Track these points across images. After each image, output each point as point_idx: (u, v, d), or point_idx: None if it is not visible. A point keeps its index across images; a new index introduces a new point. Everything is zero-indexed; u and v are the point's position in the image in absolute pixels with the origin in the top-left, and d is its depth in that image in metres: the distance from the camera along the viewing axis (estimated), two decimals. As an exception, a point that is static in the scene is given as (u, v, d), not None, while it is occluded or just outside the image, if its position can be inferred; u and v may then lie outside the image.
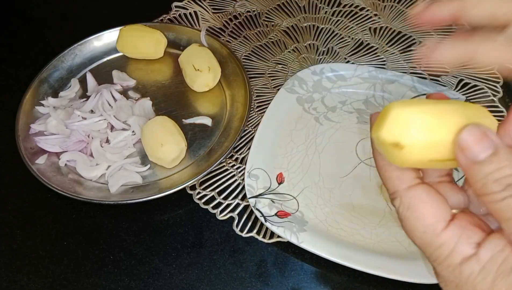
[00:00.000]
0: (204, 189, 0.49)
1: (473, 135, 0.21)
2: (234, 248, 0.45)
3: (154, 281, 0.43)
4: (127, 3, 0.72)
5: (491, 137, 0.21)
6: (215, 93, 0.57)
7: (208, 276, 0.43)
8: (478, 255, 0.21)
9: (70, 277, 0.44)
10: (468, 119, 0.22)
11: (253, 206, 0.45)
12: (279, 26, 0.66)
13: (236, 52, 0.62)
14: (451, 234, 0.22)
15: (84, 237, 0.46)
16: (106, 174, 0.49)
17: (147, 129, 0.49)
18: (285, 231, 0.43)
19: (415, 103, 0.23)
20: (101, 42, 0.61)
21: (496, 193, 0.20)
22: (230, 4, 0.69)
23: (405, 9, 0.68)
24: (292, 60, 0.61)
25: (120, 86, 0.57)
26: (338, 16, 0.67)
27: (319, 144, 0.51)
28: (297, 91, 0.55)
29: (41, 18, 0.70)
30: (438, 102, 0.24)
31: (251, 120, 0.55)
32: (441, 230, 0.22)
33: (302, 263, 0.44)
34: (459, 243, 0.22)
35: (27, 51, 0.65)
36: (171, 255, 0.45)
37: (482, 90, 0.57)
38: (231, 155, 0.52)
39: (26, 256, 0.45)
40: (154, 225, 0.47)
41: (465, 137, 0.21)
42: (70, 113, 0.53)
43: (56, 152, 0.51)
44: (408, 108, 0.22)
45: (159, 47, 0.60)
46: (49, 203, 0.49)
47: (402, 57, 0.61)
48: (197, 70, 0.55)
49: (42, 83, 0.57)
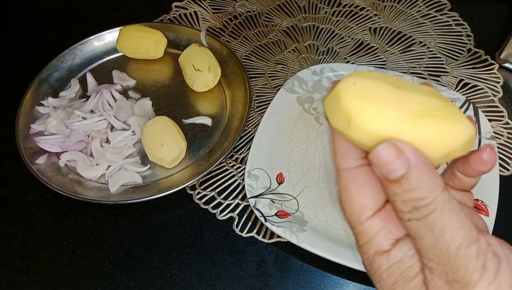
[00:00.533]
0: (204, 189, 0.49)
1: (386, 154, 0.20)
2: (234, 248, 0.45)
3: (154, 281, 0.43)
4: (127, 3, 0.72)
5: (404, 157, 0.20)
6: (215, 93, 0.57)
7: (208, 276, 0.43)
8: (389, 254, 0.22)
9: (70, 277, 0.44)
10: (428, 110, 0.20)
11: (253, 206, 0.45)
12: (279, 26, 0.66)
13: (236, 52, 0.62)
14: (373, 225, 0.22)
15: (84, 237, 0.46)
16: (106, 174, 0.49)
17: (147, 129, 0.49)
18: (285, 231, 0.43)
19: (379, 77, 0.21)
20: (101, 42, 0.61)
21: (404, 212, 0.20)
22: (230, 4, 0.69)
23: (405, 9, 0.68)
24: (292, 60, 0.61)
25: (120, 86, 0.57)
26: (338, 16, 0.67)
27: (319, 144, 0.51)
28: (297, 91, 0.55)
29: (41, 18, 0.70)
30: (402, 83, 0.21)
31: (251, 120, 0.55)
32: (365, 219, 0.22)
33: (302, 263, 0.44)
34: (377, 235, 0.22)
35: (27, 51, 0.65)
36: (171, 255, 0.45)
37: (482, 90, 0.57)
38: (231, 155, 0.52)
39: (26, 256, 0.45)
40: (154, 225, 0.47)
41: (379, 153, 0.20)
42: (70, 113, 0.53)
43: (56, 152, 0.51)
44: (369, 80, 0.21)
45: (159, 47, 0.60)
46: (49, 203, 0.49)
47: (402, 57, 0.61)
48: (197, 70, 0.55)
49: (42, 83, 0.57)
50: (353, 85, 0.21)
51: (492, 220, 0.43)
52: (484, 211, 0.44)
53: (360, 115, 0.20)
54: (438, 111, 0.20)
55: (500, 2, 0.69)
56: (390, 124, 0.20)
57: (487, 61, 0.60)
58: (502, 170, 0.49)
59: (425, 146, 0.20)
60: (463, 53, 0.61)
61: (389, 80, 0.21)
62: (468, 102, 0.52)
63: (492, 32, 0.64)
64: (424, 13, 0.67)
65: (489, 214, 0.44)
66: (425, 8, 0.68)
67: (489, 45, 0.62)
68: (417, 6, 0.68)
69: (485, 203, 0.45)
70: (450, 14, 0.67)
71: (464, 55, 0.61)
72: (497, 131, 0.52)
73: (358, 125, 0.20)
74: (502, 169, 0.49)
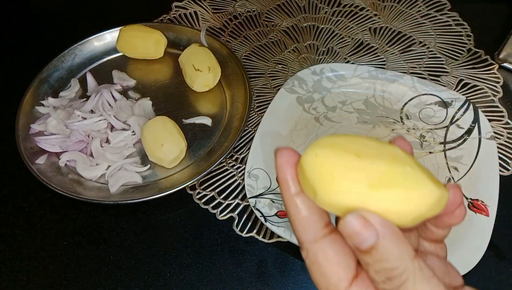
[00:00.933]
0: (204, 189, 0.49)
1: (354, 224, 0.19)
2: (234, 248, 0.45)
3: (154, 281, 0.43)
4: (127, 3, 0.72)
5: (372, 226, 0.19)
6: (215, 93, 0.57)
7: (208, 276, 0.43)
8: None
9: (70, 277, 0.44)
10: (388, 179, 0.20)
11: (253, 206, 0.45)
12: (279, 26, 0.66)
13: (236, 52, 0.62)
14: None
15: (84, 237, 0.46)
16: (106, 174, 0.49)
17: (147, 129, 0.49)
18: (285, 231, 0.43)
19: (342, 144, 0.21)
20: (101, 42, 0.61)
21: (378, 282, 0.20)
22: (230, 4, 0.69)
23: (405, 9, 0.68)
24: (292, 60, 0.61)
25: (120, 86, 0.57)
26: (338, 16, 0.67)
27: (319, 144, 0.51)
28: (297, 91, 0.55)
29: (41, 18, 0.70)
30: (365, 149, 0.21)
31: (251, 120, 0.55)
32: None
33: (302, 263, 0.44)
34: None
35: (27, 51, 0.65)
36: (171, 255, 0.45)
37: (482, 90, 0.57)
38: (231, 155, 0.52)
39: (26, 256, 0.45)
40: (154, 225, 0.47)
41: (347, 224, 0.20)
42: (70, 113, 0.53)
43: (56, 152, 0.51)
44: (331, 151, 0.21)
45: (159, 47, 0.60)
46: (49, 203, 0.49)
47: (402, 57, 0.61)
48: (197, 70, 0.55)
49: (42, 83, 0.57)
50: (315, 158, 0.21)
51: (492, 220, 0.43)
52: (484, 211, 0.44)
53: (323, 188, 0.20)
54: (399, 178, 0.20)
55: (500, 2, 0.69)
56: (352, 196, 0.20)
57: (487, 61, 0.60)
58: (502, 170, 0.49)
59: (391, 214, 0.20)
60: (463, 53, 0.61)
61: (352, 147, 0.21)
62: (468, 102, 0.52)
63: (492, 32, 0.64)
64: (424, 13, 0.67)
65: (489, 214, 0.44)
66: (425, 8, 0.68)
67: (489, 45, 0.62)
68: (417, 6, 0.68)
69: (485, 203, 0.45)
70: (450, 14, 0.67)
71: (464, 55, 0.61)
72: (497, 131, 0.52)
73: (323, 199, 0.21)
74: (502, 169, 0.49)
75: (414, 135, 0.52)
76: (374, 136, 0.51)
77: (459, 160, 0.49)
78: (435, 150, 0.50)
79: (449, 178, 0.48)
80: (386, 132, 0.52)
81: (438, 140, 0.51)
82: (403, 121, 0.53)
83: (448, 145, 0.50)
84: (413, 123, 0.52)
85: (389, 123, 0.53)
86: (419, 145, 0.51)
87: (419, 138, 0.51)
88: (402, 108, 0.54)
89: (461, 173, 0.48)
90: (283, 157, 0.23)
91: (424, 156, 0.50)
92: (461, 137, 0.51)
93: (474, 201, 0.45)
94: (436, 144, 0.51)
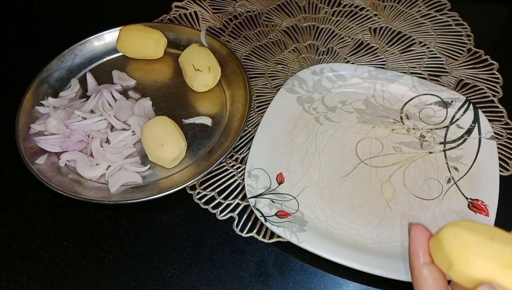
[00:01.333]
0: (204, 189, 0.49)
1: None
2: (234, 248, 0.45)
3: (154, 281, 0.43)
4: (127, 3, 0.72)
5: None
6: (215, 93, 0.57)
7: (208, 276, 0.43)
8: None
9: (70, 277, 0.44)
10: None
11: (253, 206, 0.45)
12: (279, 26, 0.66)
13: (236, 52, 0.62)
14: None
15: (84, 237, 0.46)
16: (106, 174, 0.49)
17: (147, 129, 0.49)
18: (285, 231, 0.43)
19: (476, 228, 0.25)
20: (101, 42, 0.61)
21: None
22: (230, 4, 0.69)
23: (405, 9, 0.68)
24: (292, 60, 0.61)
25: (120, 86, 0.58)
26: (338, 16, 0.67)
27: (319, 144, 0.51)
28: (297, 91, 0.55)
29: (41, 18, 0.70)
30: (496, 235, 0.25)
31: (251, 120, 0.55)
32: None
33: (302, 263, 0.44)
34: None
35: (27, 51, 0.65)
36: (171, 255, 0.45)
37: (482, 90, 0.57)
38: (231, 155, 0.52)
39: (26, 256, 0.45)
40: (154, 225, 0.47)
41: None
42: (70, 113, 0.53)
43: (56, 152, 0.51)
44: (468, 231, 0.25)
45: (159, 47, 0.60)
46: (49, 203, 0.49)
47: (402, 57, 0.61)
48: (197, 70, 0.55)
49: (42, 83, 0.57)
50: (453, 235, 0.25)
51: (492, 220, 0.43)
52: (484, 211, 0.44)
53: (459, 262, 0.24)
54: None
55: (500, 2, 0.69)
56: (485, 272, 0.24)
57: (487, 61, 0.60)
58: (502, 170, 0.49)
59: None
60: (463, 53, 0.61)
61: (485, 231, 0.25)
62: (468, 102, 0.52)
63: (492, 32, 0.64)
64: (424, 13, 0.67)
65: (489, 214, 0.44)
66: (425, 8, 0.68)
67: (489, 45, 0.62)
68: (417, 6, 0.68)
69: (485, 203, 0.45)
70: (450, 14, 0.67)
71: (464, 55, 0.61)
72: (497, 131, 0.52)
73: (457, 270, 0.25)
74: (502, 169, 0.49)
75: (414, 135, 0.52)
76: (374, 136, 0.51)
77: (459, 160, 0.49)
78: (435, 150, 0.50)
79: (449, 178, 0.48)
80: (386, 132, 0.52)
81: (438, 140, 0.51)
82: (403, 121, 0.53)
83: (448, 145, 0.51)
84: (413, 123, 0.52)
85: (389, 123, 0.53)
86: (419, 145, 0.51)
87: (419, 138, 0.51)
88: (402, 108, 0.54)
89: (461, 173, 0.48)
90: (418, 231, 0.27)
91: (424, 156, 0.50)
92: (461, 137, 0.51)
93: (474, 201, 0.45)
94: (436, 144, 0.51)
